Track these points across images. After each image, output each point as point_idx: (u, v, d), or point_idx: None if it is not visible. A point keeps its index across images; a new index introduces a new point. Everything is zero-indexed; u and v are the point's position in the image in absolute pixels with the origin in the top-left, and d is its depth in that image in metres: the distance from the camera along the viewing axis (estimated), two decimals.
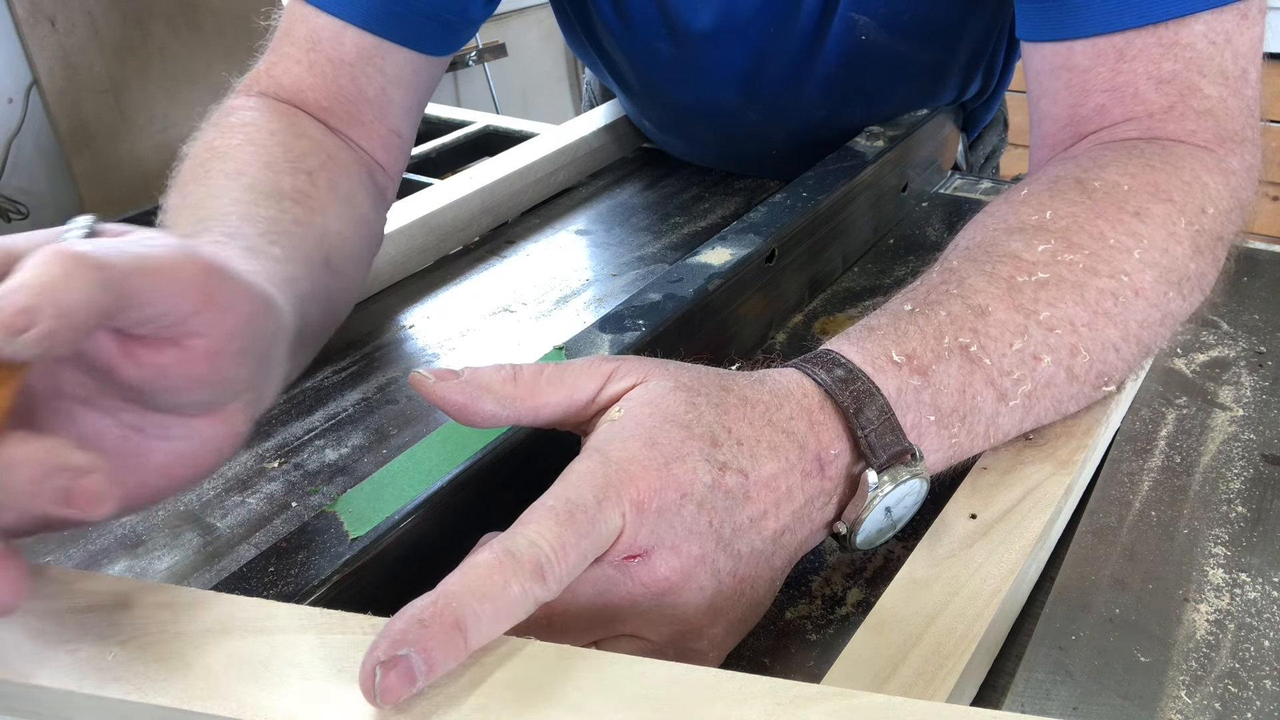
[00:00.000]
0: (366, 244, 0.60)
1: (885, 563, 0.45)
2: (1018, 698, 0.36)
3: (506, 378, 0.38)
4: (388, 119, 0.64)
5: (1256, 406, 0.52)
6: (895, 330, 0.43)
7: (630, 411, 0.37)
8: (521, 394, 0.38)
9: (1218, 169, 0.51)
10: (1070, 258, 0.45)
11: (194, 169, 0.54)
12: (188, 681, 0.30)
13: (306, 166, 0.55)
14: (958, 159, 0.89)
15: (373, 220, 0.61)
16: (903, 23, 0.71)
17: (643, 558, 0.35)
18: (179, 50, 2.03)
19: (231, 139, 0.56)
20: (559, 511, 0.32)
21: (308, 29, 0.62)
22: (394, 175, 0.67)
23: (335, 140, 0.61)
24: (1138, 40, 0.52)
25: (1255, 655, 0.38)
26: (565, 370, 0.39)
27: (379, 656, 0.28)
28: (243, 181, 0.51)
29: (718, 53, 0.75)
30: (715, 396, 0.38)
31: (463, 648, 0.29)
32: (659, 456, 0.35)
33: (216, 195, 0.50)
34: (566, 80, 3.22)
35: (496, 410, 0.37)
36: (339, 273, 0.52)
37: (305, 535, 0.38)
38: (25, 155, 1.94)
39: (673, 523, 0.35)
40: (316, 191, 0.54)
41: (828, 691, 0.29)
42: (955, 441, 0.43)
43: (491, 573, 0.30)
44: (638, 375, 0.38)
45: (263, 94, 0.62)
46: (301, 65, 0.62)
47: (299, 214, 0.51)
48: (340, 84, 0.62)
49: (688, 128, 0.86)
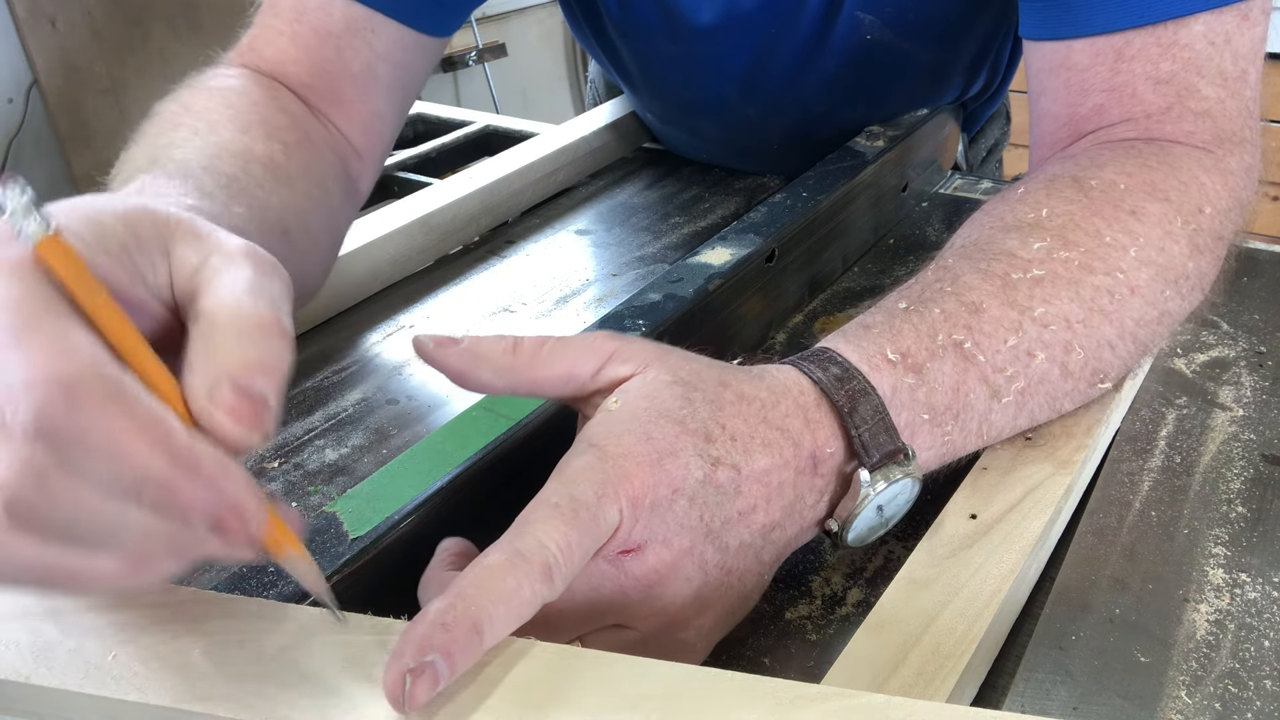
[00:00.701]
0: (330, 233, 0.58)
1: (885, 563, 0.45)
2: (1018, 698, 0.36)
3: (506, 348, 0.38)
4: (371, 98, 0.63)
5: (1256, 406, 0.52)
6: (890, 328, 0.43)
7: (626, 404, 0.37)
8: (520, 365, 0.38)
9: (1215, 169, 0.51)
10: (1066, 255, 0.45)
11: (162, 123, 0.52)
12: (188, 681, 0.30)
13: (282, 139, 0.54)
14: (958, 156, 0.89)
15: (340, 211, 0.60)
16: (909, 21, 0.71)
17: (635, 552, 0.35)
18: (179, 50, 2.04)
19: (208, 100, 0.54)
20: (564, 510, 0.32)
21: None
22: (371, 163, 0.65)
23: (314, 122, 0.60)
24: (1136, 40, 0.52)
25: (1255, 655, 0.38)
26: (567, 345, 0.39)
27: (408, 663, 0.28)
28: (210, 138, 0.50)
29: (719, 49, 0.75)
30: (712, 393, 0.38)
31: (479, 649, 0.29)
32: (653, 452, 0.35)
33: (179, 144, 0.49)
34: (566, 80, 3.22)
35: (493, 379, 0.38)
36: (296, 248, 0.51)
37: (305, 535, 0.38)
38: (25, 155, 1.94)
39: (665, 517, 0.35)
40: (289, 164, 0.53)
41: (828, 691, 0.29)
42: (948, 439, 0.43)
43: (505, 574, 0.30)
44: (638, 363, 0.38)
45: (244, 67, 0.61)
46: (285, 37, 0.60)
47: (264, 178, 0.50)
48: (324, 55, 0.60)
49: (689, 121, 0.86)
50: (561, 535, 0.32)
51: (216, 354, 0.29)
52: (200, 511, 0.27)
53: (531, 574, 0.30)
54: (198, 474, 0.27)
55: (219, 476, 0.27)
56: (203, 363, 0.29)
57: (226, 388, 0.28)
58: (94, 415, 0.26)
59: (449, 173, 0.90)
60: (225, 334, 0.29)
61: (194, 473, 0.27)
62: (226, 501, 0.27)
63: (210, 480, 0.27)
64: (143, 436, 0.26)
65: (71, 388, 0.25)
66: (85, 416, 0.25)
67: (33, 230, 0.28)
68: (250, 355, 0.29)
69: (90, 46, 1.93)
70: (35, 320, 0.27)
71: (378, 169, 0.67)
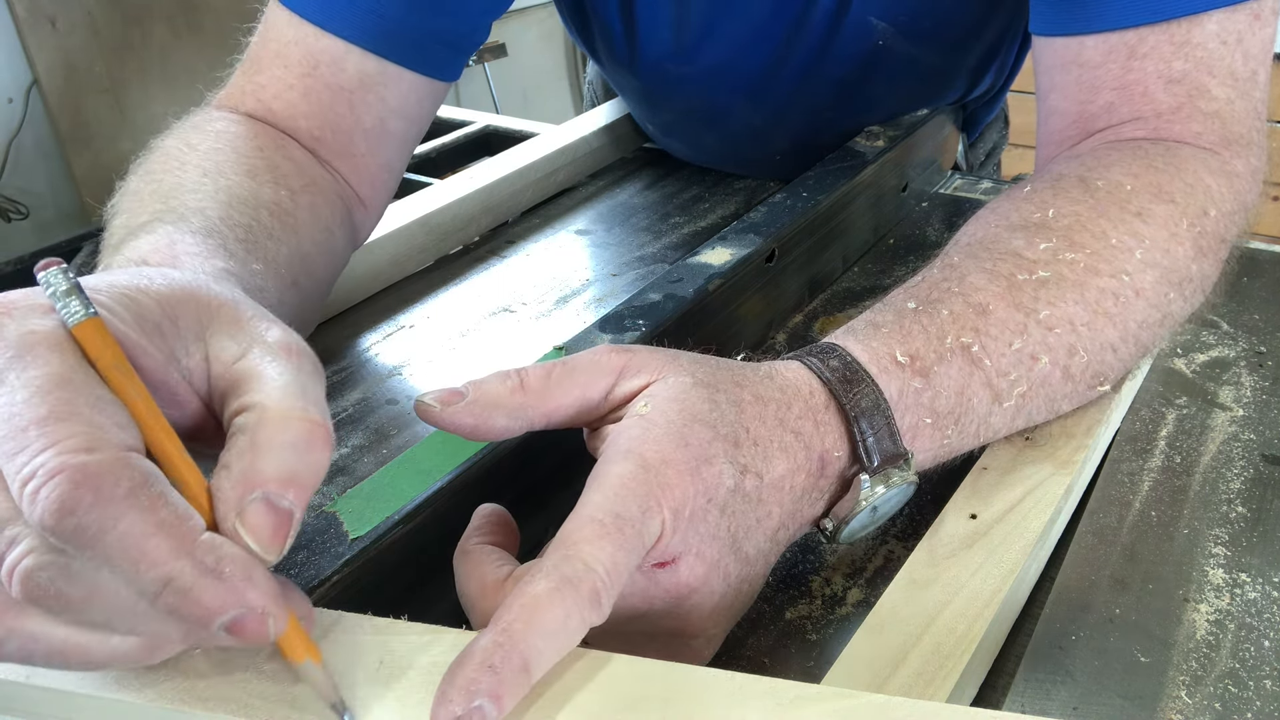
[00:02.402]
0: (330, 275, 0.58)
1: (885, 563, 0.45)
2: (1018, 698, 0.36)
3: (514, 388, 0.36)
4: (382, 152, 0.62)
5: (1256, 406, 0.52)
6: (900, 329, 0.42)
7: (658, 408, 0.36)
8: (531, 402, 0.37)
9: (1221, 171, 0.51)
10: (1072, 257, 0.45)
11: (165, 160, 0.51)
12: (188, 682, 0.30)
13: (289, 185, 0.53)
14: (958, 158, 0.89)
15: (341, 255, 0.59)
16: (923, 27, 0.70)
17: (670, 565, 0.34)
18: (179, 50, 2.04)
19: (213, 142, 0.53)
20: (609, 527, 0.31)
21: (305, 51, 0.58)
22: (375, 212, 0.65)
23: (321, 170, 0.59)
24: (1150, 38, 0.52)
25: (1255, 655, 0.38)
26: (573, 369, 0.38)
27: (455, 711, 0.27)
28: (220, 182, 0.49)
29: (731, 58, 0.75)
30: (732, 394, 0.38)
31: (527, 687, 0.28)
32: (690, 459, 0.34)
33: (191, 189, 0.48)
34: (566, 80, 3.22)
35: (509, 424, 0.36)
36: (303, 295, 0.51)
37: (305, 535, 0.38)
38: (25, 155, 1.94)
39: (699, 528, 0.34)
40: (296, 210, 0.52)
41: (828, 691, 0.29)
42: (947, 442, 0.43)
43: (553, 606, 0.29)
44: (651, 372, 0.38)
45: (250, 115, 0.59)
46: (296, 91, 0.58)
47: (274, 228, 0.49)
48: (337, 112, 0.59)
49: (691, 131, 0.86)
50: (609, 556, 0.30)
51: (259, 460, 0.28)
52: (220, 616, 0.26)
53: (580, 602, 0.29)
54: (220, 579, 0.26)
55: (241, 583, 0.26)
56: (240, 467, 0.28)
57: (259, 504, 0.27)
58: (117, 509, 0.25)
59: (449, 173, 0.90)
60: (271, 439, 0.28)
61: (216, 578, 0.26)
62: (248, 607, 0.27)
63: (233, 588, 0.26)
64: (165, 537, 0.26)
65: (97, 477, 0.25)
66: (108, 510, 0.25)
67: (74, 311, 0.28)
68: (292, 467, 0.28)
69: (90, 46, 1.93)
70: (69, 401, 0.26)
71: (380, 216, 0.66)
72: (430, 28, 0.60)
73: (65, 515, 0.25)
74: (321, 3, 0.58)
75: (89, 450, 0.26)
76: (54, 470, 0.25)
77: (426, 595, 0.40)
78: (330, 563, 0.37)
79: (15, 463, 0.25)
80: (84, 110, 1.96)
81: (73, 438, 0.26)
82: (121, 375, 0.28)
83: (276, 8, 0.59)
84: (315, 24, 0.58)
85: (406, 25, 0.59)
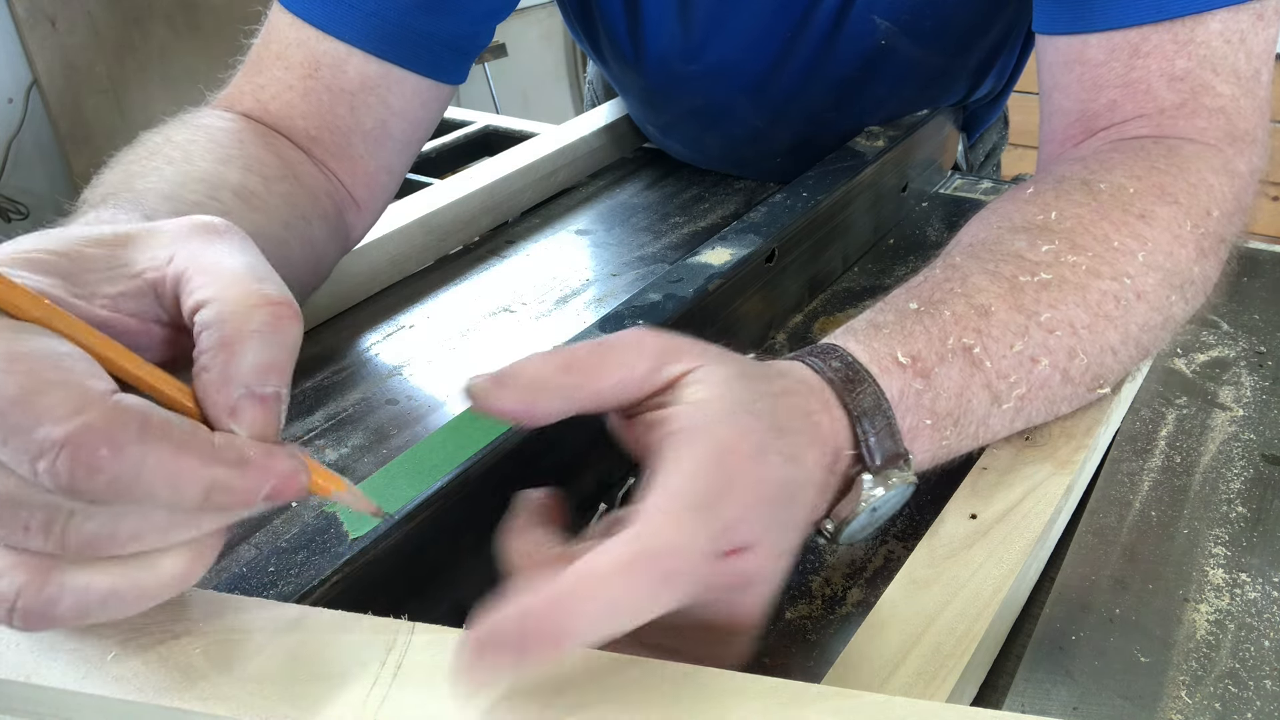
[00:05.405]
0: (311, 266, 0.57)
1: (885, 563, 0.45)
2: (1018, 698, 0.36)
3: (559, 367, 0.35)
4: (382, 154, 0.61)
5: (1256, 406, 0.52)
6: (901, 330, 0.42)
7: (712, 394, 0.35)
8: (578, 382, 0.35)
9: (1224, 170, 0.51)
10: (1074, 259, 0.45)
11: (140, 151, 0.51)
12: (188, 681, 0.30)
13: (262, 173, 0.52)
14: (958, 158, 0.89)
15: (321, 246, 0.58)
16: (925, 27, 0.70)
17: (739, 552, 0.33)
18: (179, 50, 2.04)
19: (191, 134, 0.53)
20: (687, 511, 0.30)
21: (306, 54, 0.58)
22: (370, 214, 0.64)
23: (310, 167, 0.58)
24: (1153, 36, 0.52)
25: (1255, 655, 0.38)
26: (612, 349, 0.36)
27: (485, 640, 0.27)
28: (184, 168, 0.49)
29: (736, 58, 0.75)
30: (766, 385, 0.37)
31: (569, 652, 0.28)
32: (752, 448, 0.33)
33: (148, 174, 0.48)
34: (566, 80, 3.22)
35: (563, 406, 0.35)
36: None
37: (305, 535, 0.38)
38: (25, 155, 1.94)
39: (766, 517, 0.33)
40: (268, 196, 0.51)
41: (828, 691, 0.29)
42: (945, 443, 0.43)
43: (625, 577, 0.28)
44: (692, 359, 0.36)
45: (245, 114, 0.58)
46: (295, 92, 0.58)
47: (235, 207, 0.48)
48: (336, 113, 0.59)
49: (692, 132, 0.86)
50: (688, 537, 0.30)
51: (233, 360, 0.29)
52: (261, 493, 0.28)
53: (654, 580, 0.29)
54: (249, 465, 0.28)
55: (266, 460, 0.28)
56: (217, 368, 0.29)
57: (246, 400, 0.29)
58: (138, 451, 0.26)
59: (449, 173, 0.90)
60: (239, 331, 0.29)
61: (246, 465, 0.28)
62: (280, 477, 0.28)
63: (261, 467, 0.28)
64: (190, 454, 0.27)
65: (105, 432, 0.26)
66: (131, 456, 0.26)
67: None
68: (266, 357, 0.29)
69: (90, 46, 1.94)
70: (31, 370, 0.26)
71: (376, 218, 0.65)
72: (433, 30, 0.60)
73: (93, 476, 0.25)
74: (324, 5, 0.57)
75: (80, 411, 0.26)
76: (59, 441, 0.25)
77: (427, 595, 0.40)
78: (330, 563, 0.37)
79: (10, 447, 0.26)
80: (84, 110, 1.96)
81: (59, 405, 0.26)
82: (60, 320, 0.28)
83: (279, 10, 0.59)
84: (317, 26, 0.58)
85: (409, 28, 0.58)
